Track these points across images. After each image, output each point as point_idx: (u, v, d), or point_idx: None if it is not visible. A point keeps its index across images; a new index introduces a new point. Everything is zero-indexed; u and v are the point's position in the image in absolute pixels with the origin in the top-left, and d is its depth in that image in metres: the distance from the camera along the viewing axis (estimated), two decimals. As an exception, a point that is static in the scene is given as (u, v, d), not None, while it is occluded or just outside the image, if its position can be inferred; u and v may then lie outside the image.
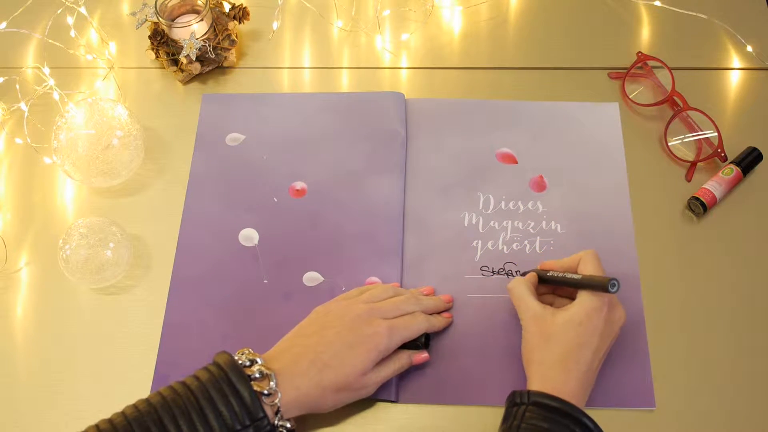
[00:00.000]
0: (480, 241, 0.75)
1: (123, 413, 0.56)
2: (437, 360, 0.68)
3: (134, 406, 0.56)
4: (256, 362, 0.58)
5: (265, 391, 0.57)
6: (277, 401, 0.57)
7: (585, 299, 0.63)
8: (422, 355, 0.67)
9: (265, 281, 0.73)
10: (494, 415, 0.66)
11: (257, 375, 0.57)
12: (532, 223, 0.76)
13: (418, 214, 0.77)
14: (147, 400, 0.56)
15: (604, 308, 0.62)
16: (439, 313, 0.70)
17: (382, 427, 0.66)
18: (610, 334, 0.63)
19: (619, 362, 0.68)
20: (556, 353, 0.61)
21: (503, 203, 0.77)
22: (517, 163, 0.79)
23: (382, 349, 0.62)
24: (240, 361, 0.58)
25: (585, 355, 0.61)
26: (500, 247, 0.75)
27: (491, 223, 0.76)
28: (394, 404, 0.67)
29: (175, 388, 0.57)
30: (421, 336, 0.66)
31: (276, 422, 0.57)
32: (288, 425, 0.58)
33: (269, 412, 0.57)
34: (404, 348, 0.66)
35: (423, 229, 0.76)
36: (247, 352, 0.59)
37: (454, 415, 0.66)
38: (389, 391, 0.66)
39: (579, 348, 0.61)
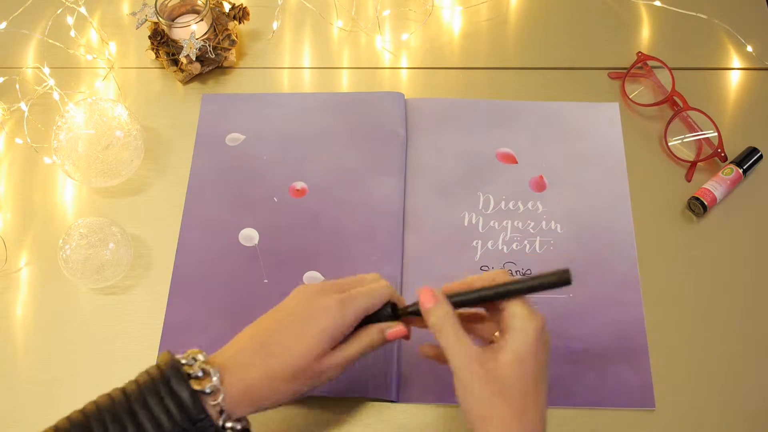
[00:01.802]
0: (480, 241, 0.75)
1: (54, 427, 0.51)
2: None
3: (67, 417, 0.52)
4: (197, 359, 0.53)
5: (207, 390, 0.51)
6: (219, 400, 0.51)
7: (522, 322, 0.52)
8: (395, 328, 0.57)
9: (266, 281, 0.73)
10: (494, 415, 0.66)
11: (199, 373, 0.52)
12: (532, 223, 0.76)
13: (418, 214, 0.77)
14: (81, 410, 0.52)
15: (545, 324, 0.53)
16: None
17: (382, 427, 0.66)
18: (550, 350, 0.54)
19: (619, 362, 0.68)
20: (515, 404, 0.50)
21: (503, 203, 0.77)
22: (517, 162, 0.79)
23: (332, 326, 0.54)
24: (184, 361, 0.53)
25: (543, 394, 0.52)
26: (500, 247, 0.75)
27: (491, 223, 0.76)
28: (394, 404, 0.67)
29: (111, 394, 0.52)
30: (386, 306, 0.57)
31: (221, 423, 0.52)
32: (239, 426, 0.53)
33: (212, 412, 0.51)
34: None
35: (423, 228, 0.76)
36: (192, 352, 0.54)
37: (454, 415, 0.66)
38: (389, 391, 0.66)
39: (536, 389, 0.51)
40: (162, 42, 0.86)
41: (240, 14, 0.87)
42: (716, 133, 0.79)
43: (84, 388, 0.68)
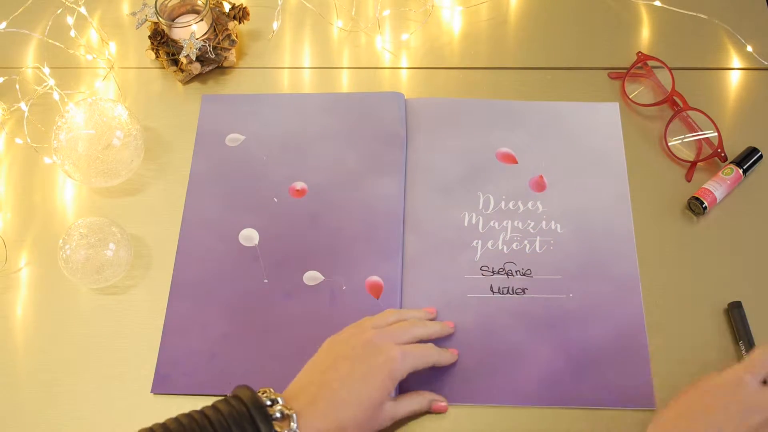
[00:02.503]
0: (480, 241, 0.75)
1: None
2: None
3: (148, 428, 0.55)
4: (278, 402, 0.57)
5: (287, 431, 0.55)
6: None
7: None
8: (441, 404, 0.66)
9: (266, 281, 0.73)
10: (495, 415, 0.66)
11: (278, 415, 0.56)
12: (532, 223, 0.76)
13: (418, 214, 0.77)
14: (164, 425, 0.55)
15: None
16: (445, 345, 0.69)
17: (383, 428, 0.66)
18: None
19: (619, 362, 0.68)
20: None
21: (503, 203, 0.77)
22: (517, 162, 0.79)
23: (397, 375, 0.61)
24: (268, 402, 0.56)
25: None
26: (500, 247, 0.75)
27: (491, 223, 0.76)
28: (394, 404, 0.67)
29: (193, 416, 0.55)
30: None
31: None
32: None
33: None
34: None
35: (423, 228, 0.76)
36: (268, 391, 0.58)
37: (455, 415, 0.66)
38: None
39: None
40: (162, 42, 0.86)
41: (240, 14, 0.87)
42: (716, 133, 0.79)
43: (84, 388, 0.69)
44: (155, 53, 0.86)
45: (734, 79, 0.85)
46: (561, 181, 0.78)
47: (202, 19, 0.83)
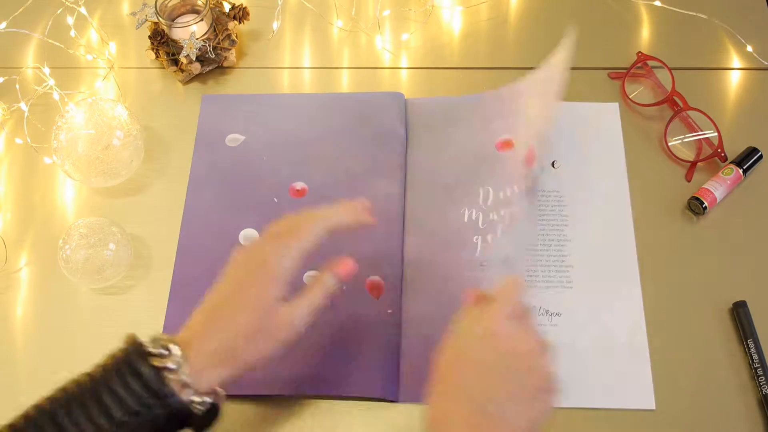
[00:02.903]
0: (480, 237, 0.75)
1: (24, 415, 0.52)
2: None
3: (35, 404, 0.52)
4: (160, 339, 0.54)
5: (169, 365, 0.52)
6: (182, 375, 0.52)
7: None
8: (343, 267, 0.60)
9: (265, 281, 0.73)
10: (494, 415, 0.66)
11: (161, 351, 0.53)
12: (532, 223, 0.76)
13: (418, 214, 0.77)
14: (48, 396, 0.53)
15: None
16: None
17: (382, 427, 0.66)
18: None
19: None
20: None
21: (501, 193, 0.77)
22: (513, 146, 0.79)
23: (277, 272, 0.55)
24: (146, 342, 0.54)
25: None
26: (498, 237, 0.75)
27: (491, 215, 0.76)
28: (394, 404, 0.67)
29: (78, 379, 0.53)
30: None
31: (187, 398, 0.52)
32: (208, 400, 0.53)
33: (176, 387, 0.52)
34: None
35: (423, 228, 0.76)
36: (155, 333, 0.55)
37: (454, 415, 0.66)
38: (389, 391, 0.66)
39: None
40: (162, 42, 0.86)
41: (240, 14, 0.87)
42: (716, 133, 0.79)
43: (84, 388, 0.69)
44: (155, 53, 0.86)
45: (734, 79, 0.85)
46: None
47: (202, 19, 0.83)
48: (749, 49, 0.86)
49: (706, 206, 0.75)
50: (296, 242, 0.57)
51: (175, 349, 0.53)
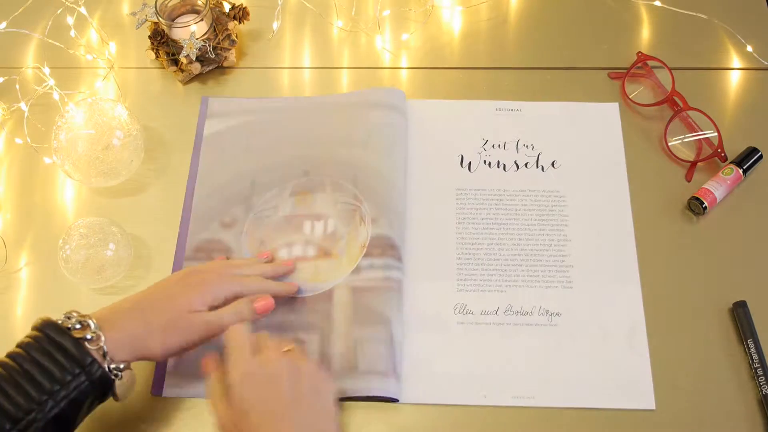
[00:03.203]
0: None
1: None
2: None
3: None
4: (73, 315, 0.58)
5: (87, 336, 0.57)
6: (102, 344, 0.57)
7: None
8: (262, 302, 0.65)
9: (265, 281, 0.73)
10: (494, 414, 0.66)
11: (77, 326, 0.57)
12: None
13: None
14: None
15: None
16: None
17: (382, 427, 0.66)
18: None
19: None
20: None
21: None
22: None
23: (206, 291, 0.63)
24: (59, 320, 0.58)
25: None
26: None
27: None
28: (394, 404, 0.67)
29: (3, 362, 0.56)
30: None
31: (107, 366, 0.57)
32: (122, 366, 0.58)
33: (97, 356, 0.56)
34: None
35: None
36: (68, 311, 0.59)
37: (455, 415, 0.66)
38: (389, 391, 0.66)
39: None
40: (162, 42, 0.86)
41: (240, 14, 0.87)
42: (716, 133, 0.79)
43: (84, 388, 0.69)
44: (155, 53, 0.86)
45: (734, 79, 0.85)
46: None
47: (202, 19, 0.83)
48: (749, 49, 0.86)
49: (706, 206, 0.75)
50: (239, 288, 0.65)
51: (91, 323, 0.57)
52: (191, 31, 0.83)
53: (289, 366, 0.59)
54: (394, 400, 0.67)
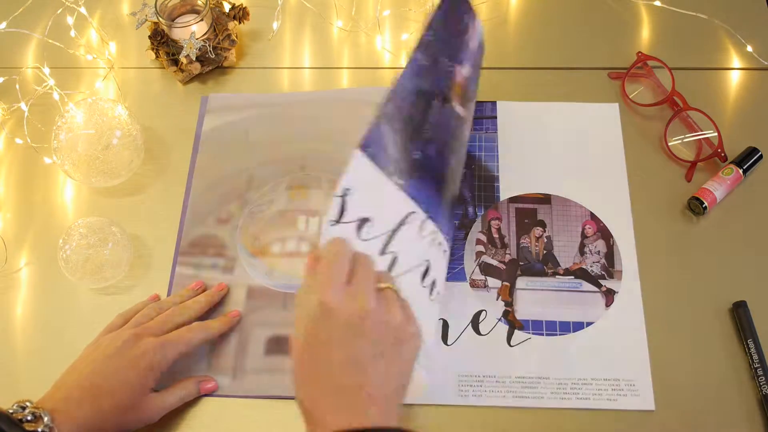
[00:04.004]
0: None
1: None
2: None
3: None
4: (27, 406, 0.57)
5: (39, 430, 0.56)
6: None
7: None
8: (209, 384, 0.67)
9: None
10: (494, 414, 0.66)
11: (29, 417, 0.56)
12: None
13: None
14: None
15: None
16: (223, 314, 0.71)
17: (382, 427, 0.66)
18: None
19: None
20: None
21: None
22: None
23: (156, 366, 0.62)
24: (11, 410, 0.57)
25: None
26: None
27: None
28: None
29: None
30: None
31: None
32: None
33: None
34: None
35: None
36: (20, 400, 0.58)
37: (455, 415, 0.66)
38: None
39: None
40: (162, 42, 0.86)
41: (240, 14, 0.87)
42: (716, 133, 0.79)
43: (84, 388, 0.68)
44: (155, 53, 0.86)
45: (734, 79, 0.85)
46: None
47: (202, 19, 0.83)
48: (749, 49, 0.86)
49: (706, 206, 0.75)
50: (182, 347, 0.64)
51: (46, 417, 0.56)
52: (191, 31, 0.83)
53: (379, 310, 0.53)
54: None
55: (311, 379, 0.52)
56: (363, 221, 0.59)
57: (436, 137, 0.64)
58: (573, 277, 0.72)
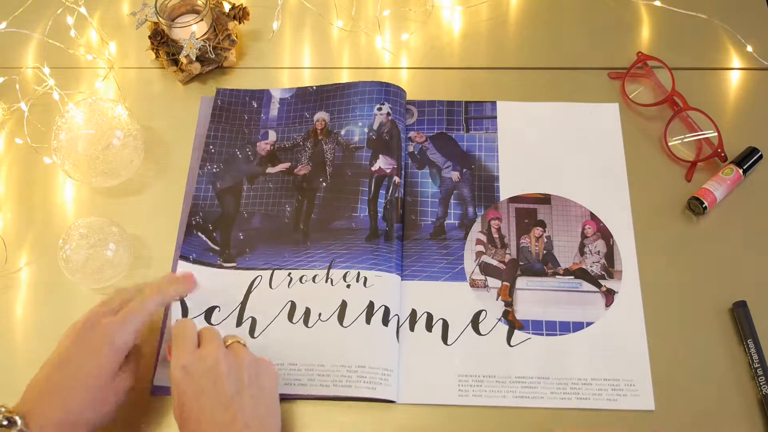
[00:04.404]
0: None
1: None
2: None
3: None
4: (1, 411, 0.57)
5: None
6: None
7: None
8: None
9: (265, 281, 0.74)
10: (494, 415, 0.66)
11: (4, 422, 0.56)
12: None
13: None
14: None
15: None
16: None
17: (382, 427, 0.66)
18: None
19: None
20: None
21: None
22: None
23: (117, 342, 0.61)
24: None
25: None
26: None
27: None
28: (394, 404, 0.67)
29: None
30: None
31: None
32: None
33: None
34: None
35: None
36: None
37: (455, 415, 0.66)
38: (389, 391, 0.66)
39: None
40: (162, 42, 0.86)
41: (240, 14, 0.87)
42: (716, 133, 0.79)
43: (84, 388, 0.68)
44: (155, 53, 0.86)
45: (734, 79, 0.85)
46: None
47: (202, 19, 0.83)
48: (749, 49, 0.86)
49: (706, 206, 0.75)
50: (135, 317, 0.63)
51: (18, 419, 0.56)
52: (191, 31, 0.83)
53: (228, 358, 0.60)
54: (390, 401, 0.67)
55: (194, 429, 0.58)
56: (210, 310, 0.70)
57: (260, 204, 0.76)
58: (573, 277, 0.72)
